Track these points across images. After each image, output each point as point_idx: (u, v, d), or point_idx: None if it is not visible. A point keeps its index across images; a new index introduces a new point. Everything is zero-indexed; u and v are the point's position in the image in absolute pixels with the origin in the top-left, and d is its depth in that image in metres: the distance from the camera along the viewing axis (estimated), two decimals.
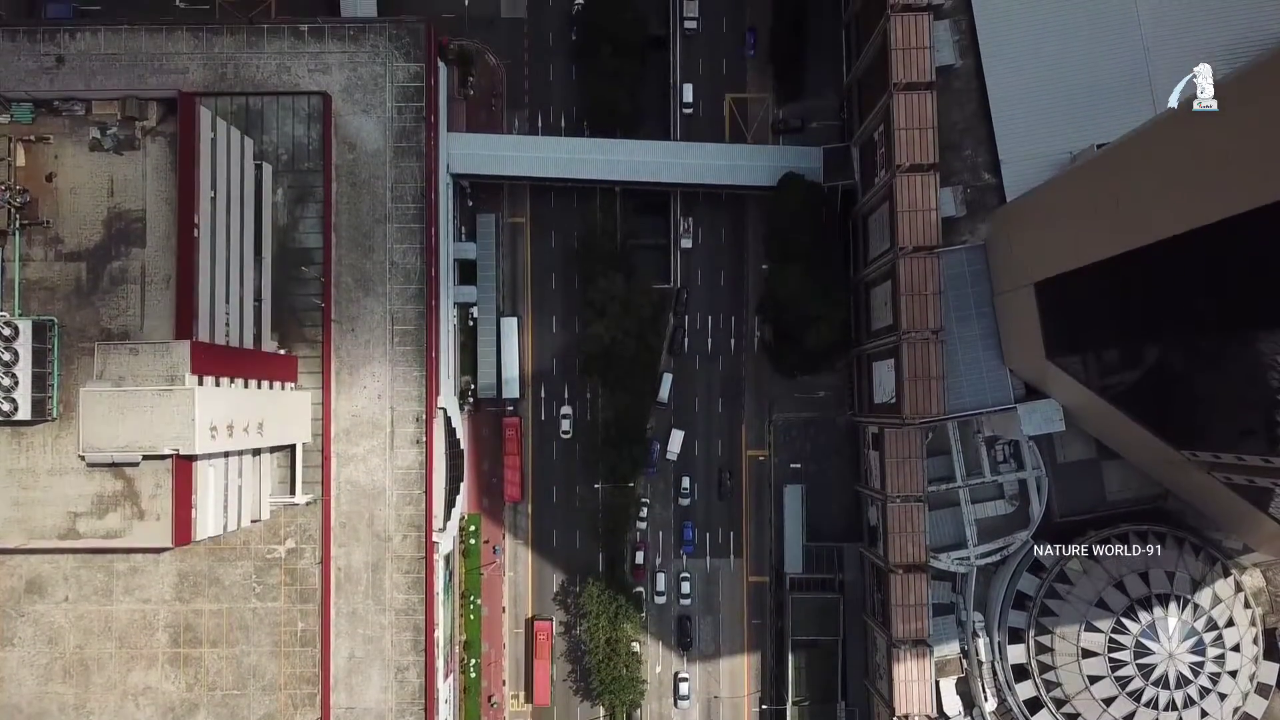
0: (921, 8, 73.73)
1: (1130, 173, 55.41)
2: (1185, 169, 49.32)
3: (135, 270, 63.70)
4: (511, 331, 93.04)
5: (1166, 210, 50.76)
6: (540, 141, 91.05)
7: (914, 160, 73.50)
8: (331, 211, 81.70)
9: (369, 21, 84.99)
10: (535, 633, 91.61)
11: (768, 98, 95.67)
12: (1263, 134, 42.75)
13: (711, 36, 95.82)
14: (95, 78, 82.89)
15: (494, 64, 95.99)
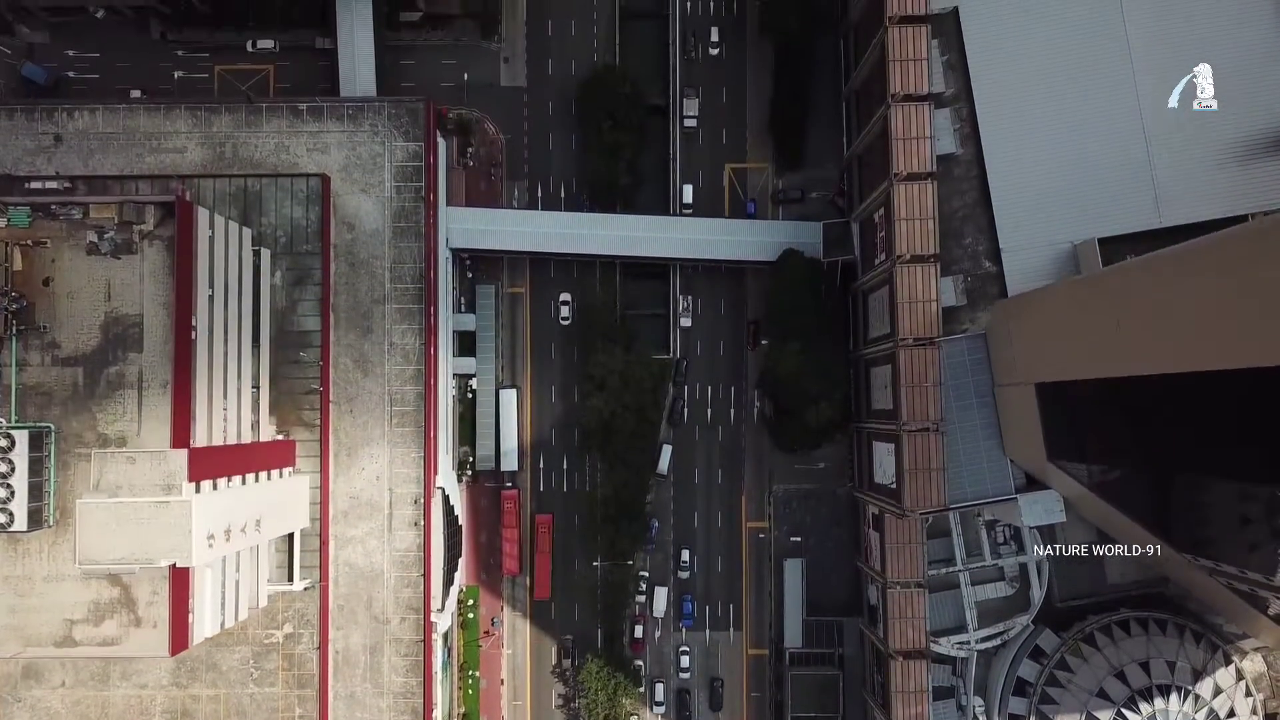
0: (922, 98, 73.52)
1: (1132, 302, 55.07)
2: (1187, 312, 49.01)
3: (132, 375, 63.44)
4: (510, 404, 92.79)
5: (1167, 348, 50.43)
6: (539, 216, 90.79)
7: (914, 251, 73.28)
8: (330, 293, 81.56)
9: (368, 101, 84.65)
10: (537, 525, 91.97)
11: (767, 167, 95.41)
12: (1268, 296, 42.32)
13: (711, 106, 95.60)
14: (93, 156, 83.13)
15: (493, 133, 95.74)
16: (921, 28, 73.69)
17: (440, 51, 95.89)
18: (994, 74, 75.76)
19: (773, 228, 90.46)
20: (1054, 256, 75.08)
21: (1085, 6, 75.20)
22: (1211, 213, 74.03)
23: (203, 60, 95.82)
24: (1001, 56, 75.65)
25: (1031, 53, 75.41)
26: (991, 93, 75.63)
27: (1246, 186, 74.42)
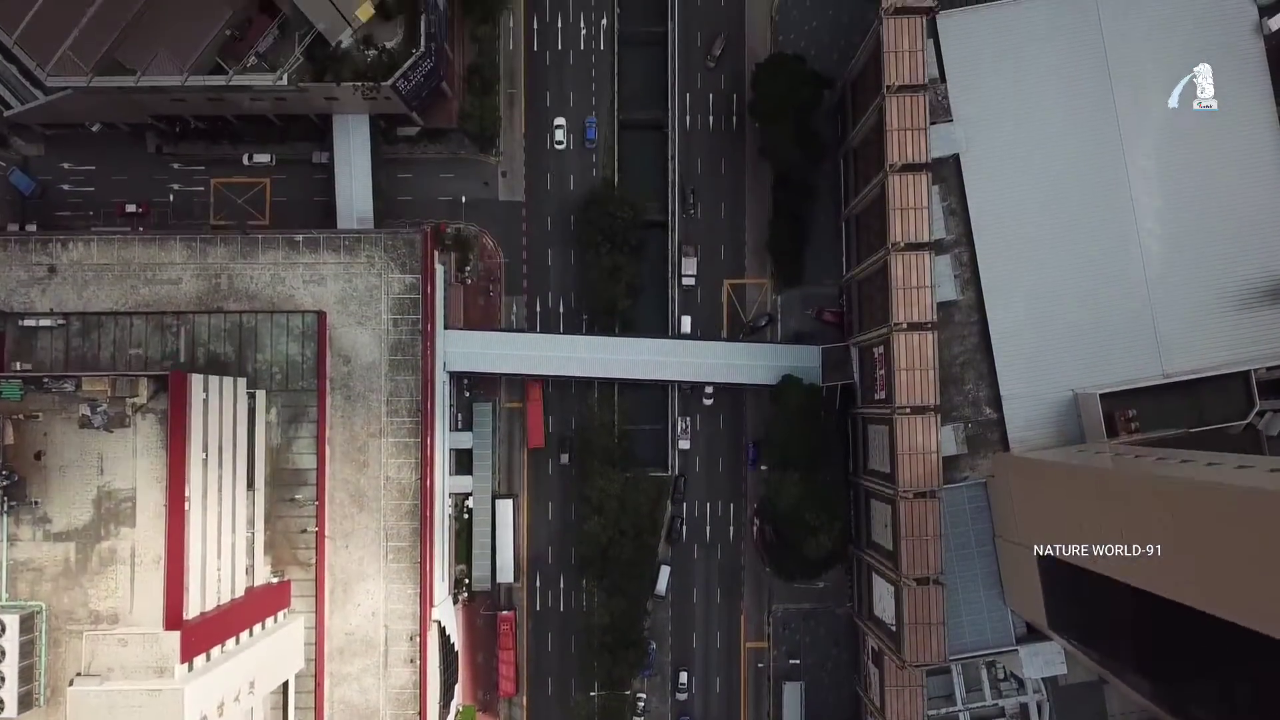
0: (923, 246, 73.14)
1: (1141, 516, 54.35)
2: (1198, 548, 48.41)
3: (125, 550, 62.76)
4: (507, 512, 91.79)
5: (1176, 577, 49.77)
6: (537, 340, 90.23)
7: (915, 403, 72.81)
8: (325, 428, 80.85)
9: (365, 232, 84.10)
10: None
11: (767, 283, 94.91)
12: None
13: (711, 222, 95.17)
14: (87, 288, 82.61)
15: (492, 248, 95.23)
16: (922, 175, 73.41)
17: (438, 165, 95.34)
18: (995, 220, 75.35)
19: (772, 351, 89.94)
20: (1055, 404, 74.56)
21: (1088, 155, 74.81)
22: (1213, 360, 73.63)
23: (199, 173, 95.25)
24: (1003, 203, 75.26)
25: (1033, 200, 75.02)
26: (993, 239, 75.21)
27: (1248, 334, 74.01)
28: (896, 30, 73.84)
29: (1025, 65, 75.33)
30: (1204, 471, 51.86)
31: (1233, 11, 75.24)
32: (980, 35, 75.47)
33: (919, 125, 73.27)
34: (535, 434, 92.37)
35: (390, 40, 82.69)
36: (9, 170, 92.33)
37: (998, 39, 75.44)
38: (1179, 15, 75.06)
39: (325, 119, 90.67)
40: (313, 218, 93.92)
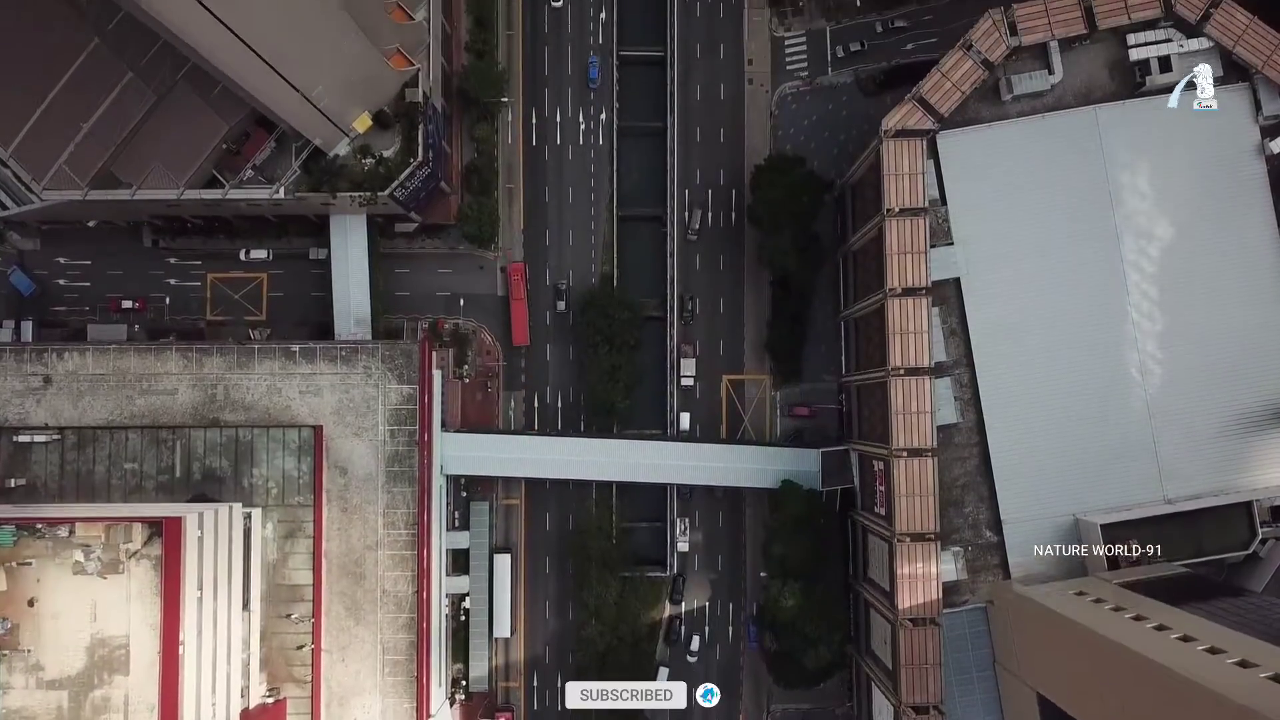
0: (923, 371, 72.80)
1: (1140, 697, 53.95)
2: None
3: (118, 699, 62.25)
4: (505, 572, 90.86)
5: None
6: (534, 442, 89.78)
7: (914, 529, 72.39)
8: (322, 542, 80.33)
9: (362, 343, 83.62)
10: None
11: (765, 379, 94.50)
12: None
13: (709, 317, 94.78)
14: (83, 399, 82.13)
15: (489, 343, 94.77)
16: (922, 299, 73.07)
17: (436, 260, 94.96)
18: (996, 342, 74.93)
19: (771, 455, 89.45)
20: (1056, 528, 74.07)
21: (1089, 278, 74.41)
22: (1216, 485, 73.33)
23: (195, 268, 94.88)
24: (1004, 325, 74.82)
25: (1034, 322, 74.60)
26: (993, 361, 74.79)
27: (1250, 459, 73.66)
28: (896, 152, 73.52)
29: (1026, 186, 74.94)
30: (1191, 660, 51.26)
31: (1234, 132, 74.92)
32: (981, 156, 75.07)
33: (919, 249, 72.94)
34: (520, 332, 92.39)
35: (388, 149, 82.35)
36: (10, 271, 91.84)
37: (998, 160, 75.05)
38: (1180, 135, 74.67)
39: (323, 216, 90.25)
40: (310, 313, 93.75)
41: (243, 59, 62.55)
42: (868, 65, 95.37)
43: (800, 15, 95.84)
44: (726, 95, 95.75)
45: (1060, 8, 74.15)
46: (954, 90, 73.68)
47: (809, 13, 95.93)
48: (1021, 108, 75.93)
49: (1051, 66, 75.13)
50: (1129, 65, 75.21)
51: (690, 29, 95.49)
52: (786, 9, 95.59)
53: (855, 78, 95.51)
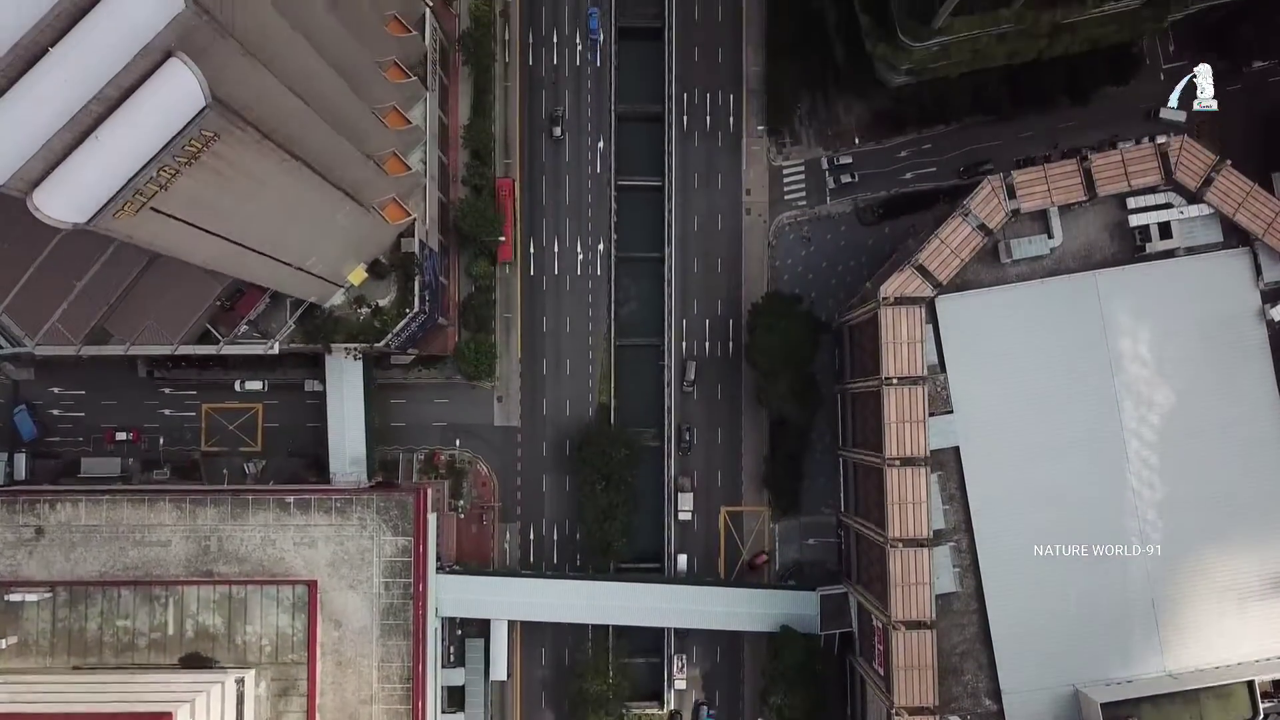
0: (923, 542, 72.24)
1: None
2: None
3: None
4: (501, 631, 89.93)
5: None
6: (530, 585, 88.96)
7: (913, 704, 71.74)
8: (316, 699, 79.68)
9: (356, 493, 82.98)
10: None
11: (764, 511, 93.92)
12: None
13: (707, 449, 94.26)
14: (75, 550, 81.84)
15: (485, 474, 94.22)
16: (921, 469, 72.49)
17: (432, 390, 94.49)
18: (996, 510, 74.25)
19: (769, 598, 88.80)
20: (1056, 699, 73.26)
21: (1090, 445, 73.69)
22: (1217, 657, 72.72)
23: (190, 399, 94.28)
24: (1003, 493, 74.11)
25: (1034, 490, 73.86)
26: (993, 528, 74.12)
27: (1251, 629, 73.03)
28: (895, 320, 73.05)
29: (1026, 352, 74.34)
30: None
31: (1235, 297, 74.43)
32: (980, 321, 74.53)
33: (918, 418, 72.39)
34: (507, 249, 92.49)
35: (384, 298, 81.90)
36: (16, 410, 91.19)
37: (998, 324, 74.52)
38: (1181, 300, 74.15)
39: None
40: (306, 444, 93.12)
41: (238, 257, 62.02)
42: (866, 195, 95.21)
43: (799, 145, 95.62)
44: (724, 225, 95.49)
45: (1060, 174, 73.76)
46: (953, 257, 73.21)
47: (807, 142, 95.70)
48: (1021, 270, 75.40)
49: (1051, 231, 74.64)
50: (1129, 228, 74.75)
51: (688, 158, 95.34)
52: (785, 138, 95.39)
53: (854, 207, 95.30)
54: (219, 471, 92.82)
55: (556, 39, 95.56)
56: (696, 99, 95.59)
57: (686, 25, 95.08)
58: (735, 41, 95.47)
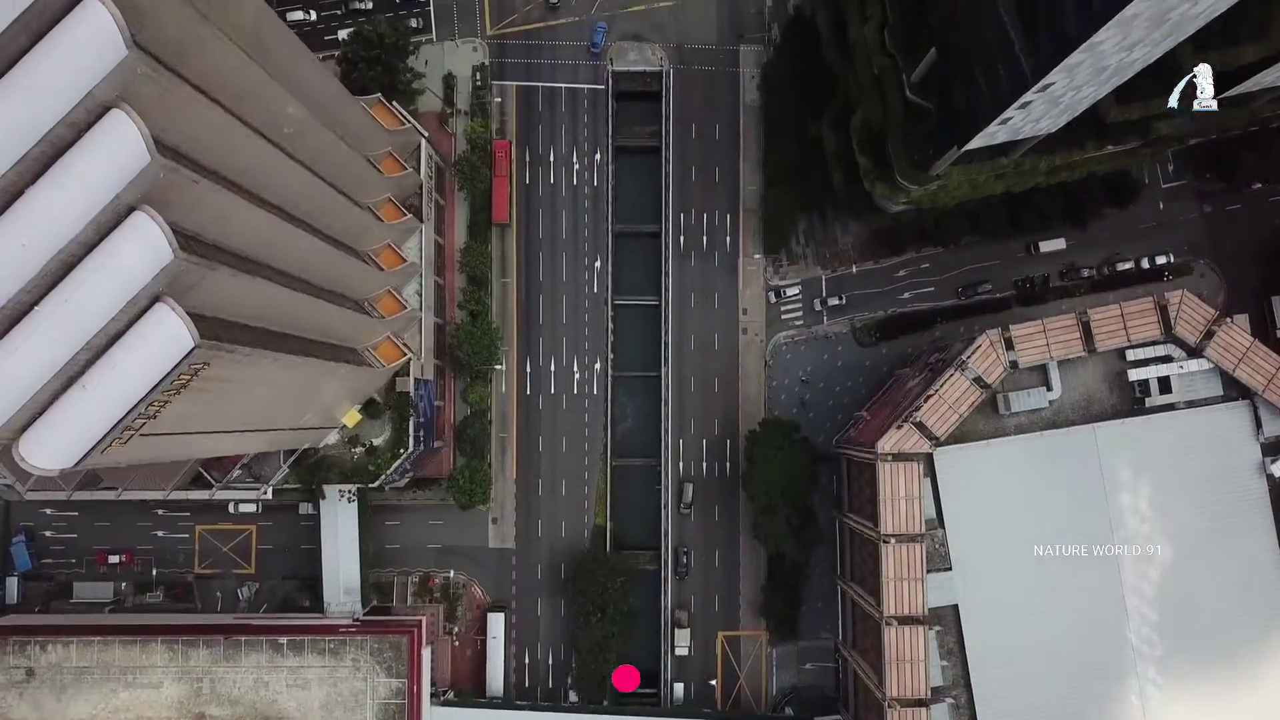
0: (922, 702, 71.52)
1: None
2: None
3: None
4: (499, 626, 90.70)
5: None
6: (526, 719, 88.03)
7: None
8: None
9: (350, 632, 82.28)
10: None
11: (761, 636, 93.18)
12: None
13: (705, 572, 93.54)
14: (65, 691, 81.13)
15: (481, 597, 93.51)
16: (920, 628, 71.84)
17: (427, 512, 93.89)
18: (994, 666, 73.71)
19: None
20: None
21: (1089, 601, 73.22)
22: None
23: (183, 519, 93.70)
24: (1002, 650, 73.56)
25: (1033, 646, 73.33)
26: (991, 685, 73.53)
27: None
28: (893, 475, 72.50)
29: (1025, 506, 73.86)
30: None
31: (1235, 450, 74.00)
32: (979, 474, 74.04)
33: (916, 576, 71.80)
34: (500, 209, 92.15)
35: (378, 437, 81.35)
36: (14, 541, 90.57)
37: (997, 478, 74.02)
38: (1180, 454, 73.76)
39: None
40: (300, 566, 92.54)
41: (232, 441, 61.50)
42: (863, 315, 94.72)
43: (796, 264, 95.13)
44: (721, 344, 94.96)
45: (1059, 327, 73.39)
46: (951, 412, 72.68)
47: (804, 262, 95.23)
48: (1020, 422, 74.92)
49: (1050, 383, 74.19)
50: (1128, 380, 74.29)
51: (685, 278, 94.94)
52: (782, 259, 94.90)
53: (851, 328, 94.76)
54: (212, 595, 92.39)
55: (553, 157, 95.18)
56: (693, 218, 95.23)
57: (683, 144, 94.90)
58: (732, 161, 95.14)
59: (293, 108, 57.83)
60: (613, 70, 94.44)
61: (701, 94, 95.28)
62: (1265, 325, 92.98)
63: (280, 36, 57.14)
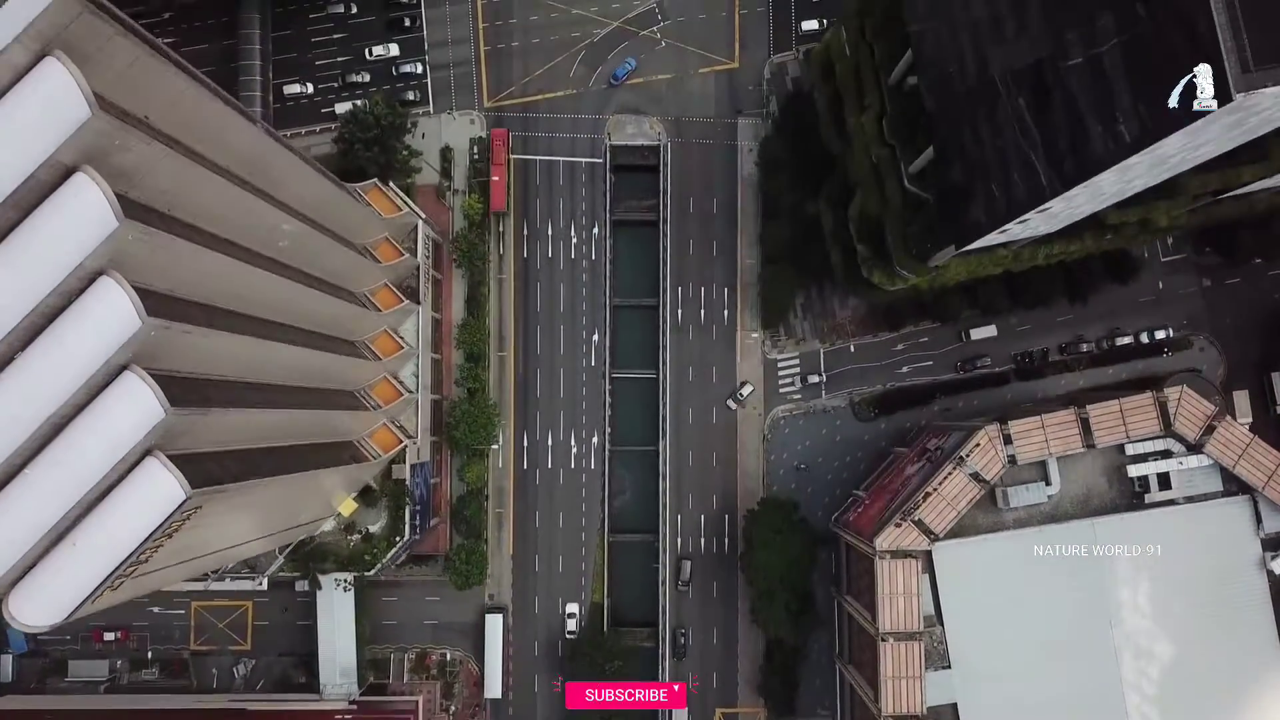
0: None
1: None
2: None
3: None
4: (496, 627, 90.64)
5: None
6: None
7: None
8: None
9: (347, 717, 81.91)
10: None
11: (760, 714, 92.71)
12: None
13: (703, 649, 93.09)
14: None
15: (476, 674, 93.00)
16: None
17: (424, 588, 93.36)
18: None
19: None
20: None
21: (1088, 699, 72.75)
22: None
23: (179, 594, 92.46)
24: None
25: None
26: None
27: None
28: (891, 572, 72.12)
29: (1024, 602, 73.40)
30: None
31: (1235, 546, 73.63)
32: (978, 569, 73.59)
33: (914, 674, 71.36)
34: (498, 199, 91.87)
35: (374, 524, 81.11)
36: None
37: (996, 573, 73.60)
38: (1180, 549, 73.23)
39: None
40: (296, 643, 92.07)
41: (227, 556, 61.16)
42: (861, 389, 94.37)
43: (793, 338, 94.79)
44: (719, 418, 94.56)
45: (1057, 423, 73.02)
46: (949, 509, 72.31)
47: (802, 335, 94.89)
48: (1019, 516, 74.56)
49: (1049, 478, 73.83)
50: (1128, 475, 73.94)
51: (683, 351, 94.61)
52: (780, 331, 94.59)
53: (850, 402, 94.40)
54: (208, 672, 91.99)
55: (551, 231, 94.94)
56: (691, 291, 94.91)
57: (681, 217, 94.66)
58: (730, 234, 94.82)
59: (288, 224, 57.64)
60: (610, 144, 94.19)
61: (699, 167, 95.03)
62: (1265, 400, 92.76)
63: (276, 153, 56.93)
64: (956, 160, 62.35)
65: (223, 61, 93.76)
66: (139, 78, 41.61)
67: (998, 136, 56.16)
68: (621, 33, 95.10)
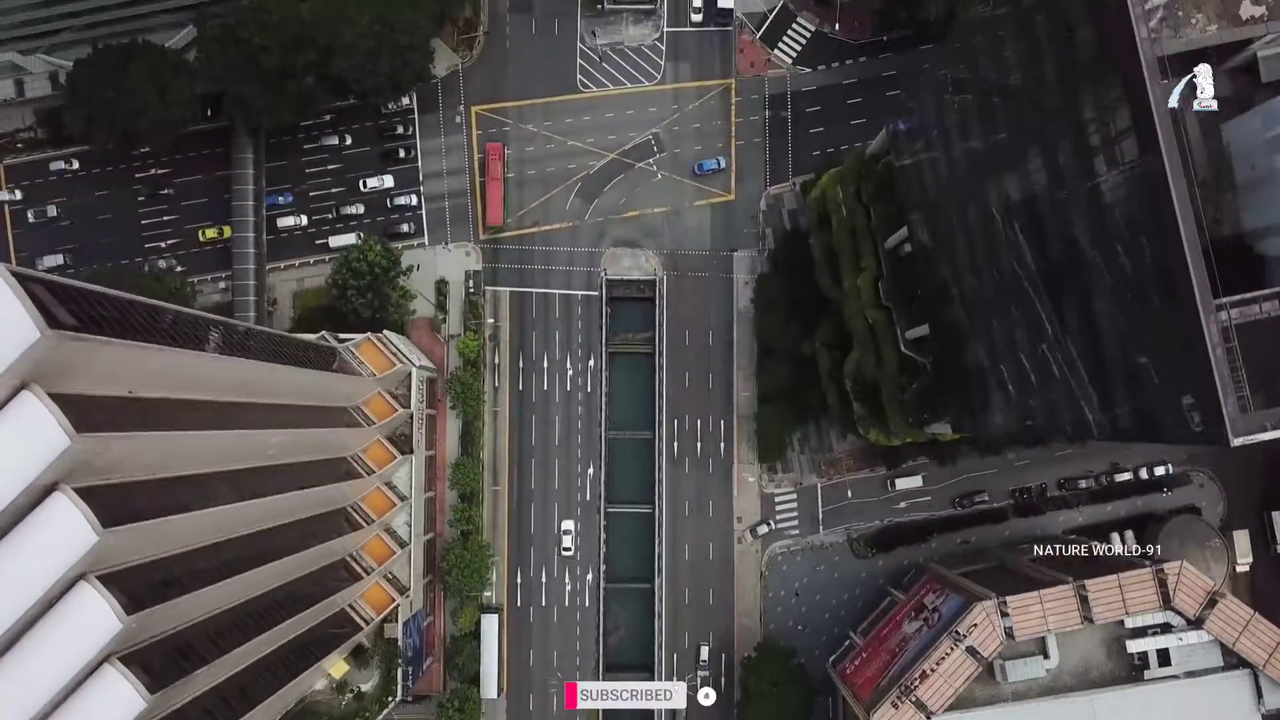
0: None
1: None
2: None
3: None
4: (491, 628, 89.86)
5: None
6: None
7: None
8: None
9: None
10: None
11: None
12: None
13: None
14: None
15: None
16: None
17: None
18: None
19: None
20: None
21: None
22: None
23: None
24: None
25: None
26: None
27: None
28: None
29: None
30: None
31: None
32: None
33: None
34: (494, 210, 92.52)
35: (366, 684, 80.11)
36: None
37: None
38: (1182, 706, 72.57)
39: None
40: None
41: None
42: (859, 525, 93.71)
43: (791, 472, 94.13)
44: (716, 554, 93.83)
45: (1055, 597, 72.11)
46: (947, 686, 71.45)
47: (799, 469, 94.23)
48: (1017, 689, 73.64)
49: (1048, 652, 73.03)
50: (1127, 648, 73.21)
51: (679, 485, 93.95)
52: (777, 466, 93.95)
53: (847, 537, 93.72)
54: None
55: (546, 363, 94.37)
56: (687, 424, 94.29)
57: (677, 350, 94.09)
58: (726, 367, 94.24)
59: (278, 436, 57.07)
60: (606, 278, 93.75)
61: (695, 300, 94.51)
62: (1265, 539, 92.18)
63: (268, 371, 56.35)
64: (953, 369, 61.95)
65: (217, 191, 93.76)
66: (121, 368, 41.05)
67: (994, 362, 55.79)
68: (617, 164, 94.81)
